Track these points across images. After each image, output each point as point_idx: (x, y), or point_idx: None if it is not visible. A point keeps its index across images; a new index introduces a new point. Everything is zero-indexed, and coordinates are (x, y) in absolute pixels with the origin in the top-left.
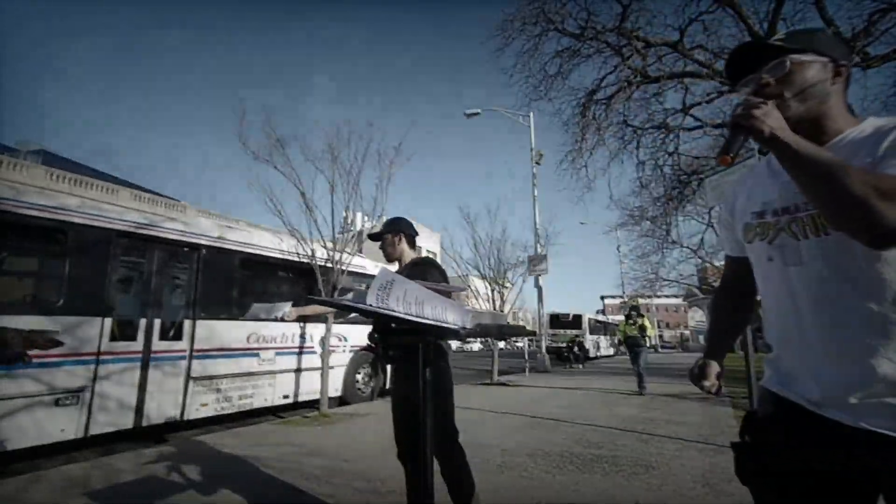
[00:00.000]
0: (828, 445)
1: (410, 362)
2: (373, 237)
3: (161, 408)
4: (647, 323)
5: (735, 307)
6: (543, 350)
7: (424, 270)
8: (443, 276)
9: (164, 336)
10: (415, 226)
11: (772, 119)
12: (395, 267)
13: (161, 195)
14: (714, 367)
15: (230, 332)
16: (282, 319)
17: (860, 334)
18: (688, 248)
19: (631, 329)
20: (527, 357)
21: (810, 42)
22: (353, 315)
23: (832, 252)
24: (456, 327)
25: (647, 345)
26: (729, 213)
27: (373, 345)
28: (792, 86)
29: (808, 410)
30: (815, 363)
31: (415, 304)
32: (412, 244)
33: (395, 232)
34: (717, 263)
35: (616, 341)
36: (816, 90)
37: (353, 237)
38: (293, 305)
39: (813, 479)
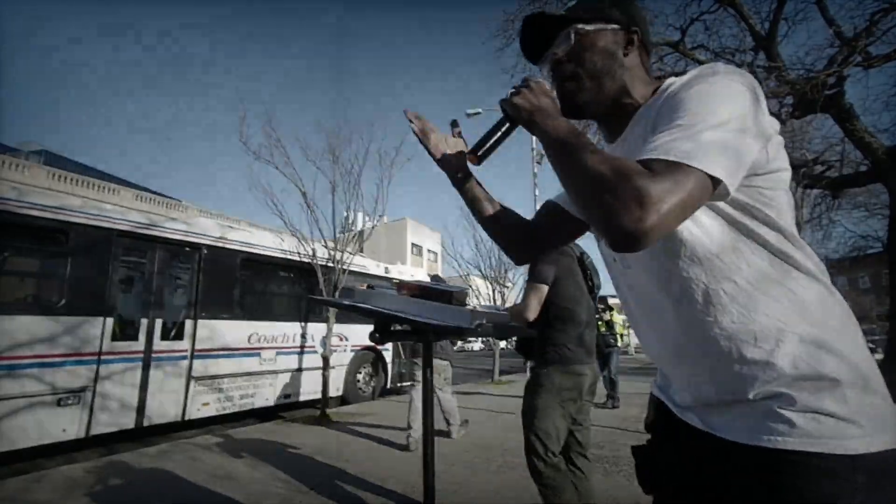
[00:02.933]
0: (691, 453)
1: (534, 365)
2: None
3: (162, 407)
4: (616, 318)
5: None
6: None
7: None
8: None
9: (165, 336)
10: (416, 225)
11: (535, 99)
12: None
13: (162, 195)
14: None
15: (231, 331)
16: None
17: (676, 336)
18: None
19: (598, 326)
20: None
21: (596, 9)
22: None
23: (643, 253)
24: (456, 327)
25: (618, 344)
26: None
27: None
28: (582, 60)
29: (676, 416)
30: (665, 367)
31: (414, 305)
32: None
33: None
34: None
35: None
36: (609, 62)
37: (353, 237)
38: (296, 306)
39: (697, 490)
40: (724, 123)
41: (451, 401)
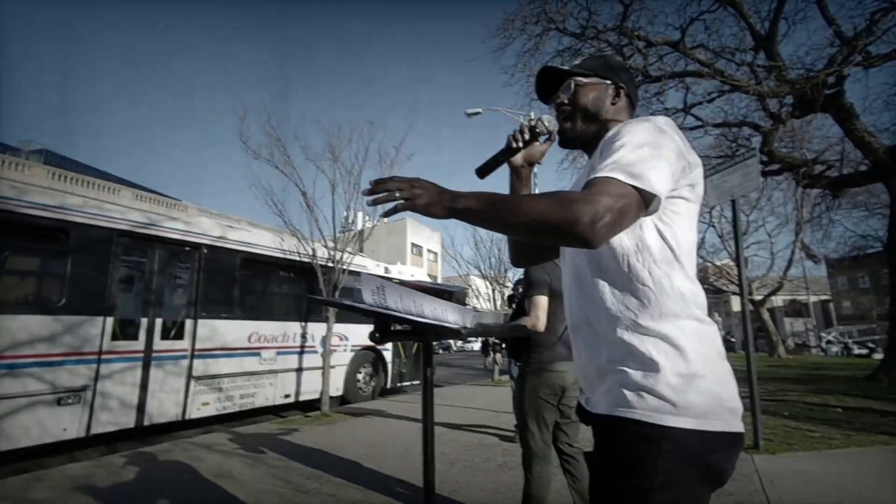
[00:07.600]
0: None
1: (520, 367)
2: None
3: (162, 407)
4: None
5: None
6: None
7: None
8: None
9: (165, 335)
10: (416, 225)
11: (430, 193)
12: None
13: (162, 195)
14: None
15: (232, 331)
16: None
17: (581, 328)
18: None
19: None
20: None
21: (595, 68)
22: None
23: (569, 253)
24: (457, 327)
25: None
26: None
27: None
28: (579, 104)
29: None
30: (573, 348)
31: (414, 304)
32: None
33: None
34: (717, 263)
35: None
36: (598, 108)
37: (353, 236)
38: (296, 305)
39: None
40: (640, 151)
41: None
